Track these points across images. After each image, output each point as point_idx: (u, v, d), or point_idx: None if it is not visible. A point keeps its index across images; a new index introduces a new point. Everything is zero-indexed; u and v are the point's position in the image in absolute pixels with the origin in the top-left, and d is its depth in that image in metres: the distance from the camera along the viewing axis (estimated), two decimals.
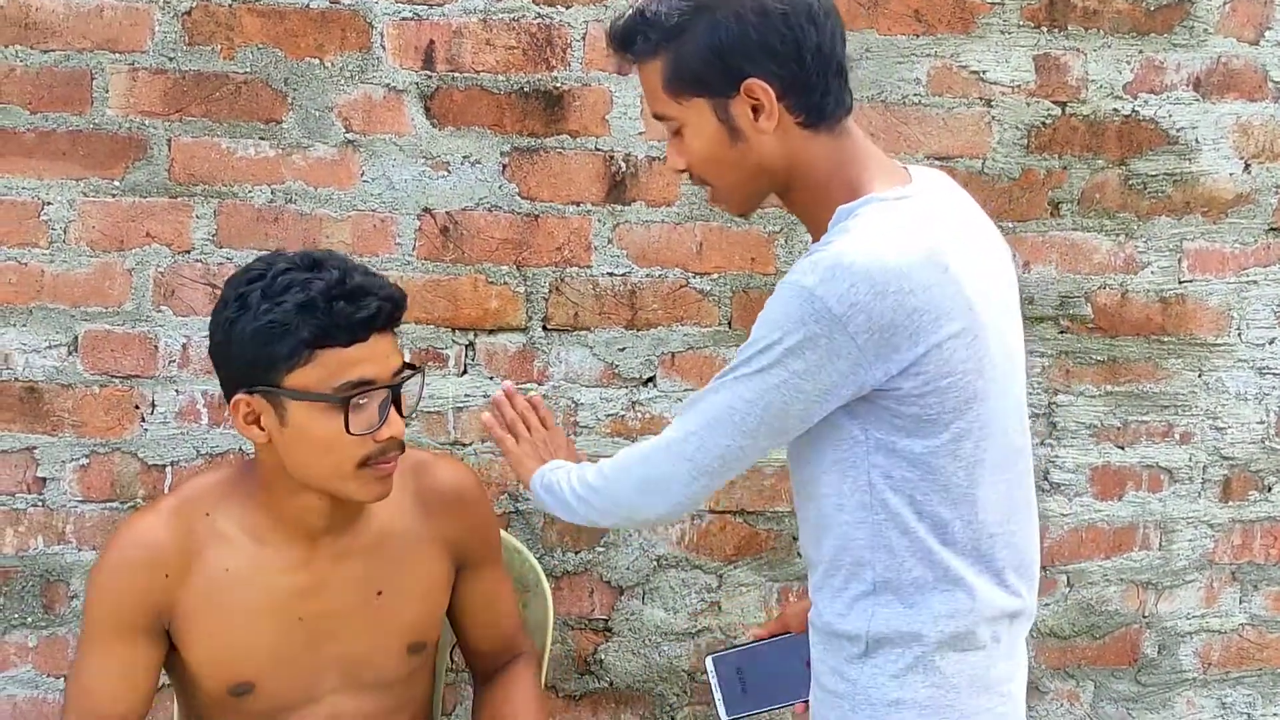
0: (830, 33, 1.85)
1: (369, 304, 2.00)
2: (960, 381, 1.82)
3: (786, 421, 1.85)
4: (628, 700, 2.88)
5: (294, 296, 1.98)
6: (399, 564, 2.22)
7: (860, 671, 1.93)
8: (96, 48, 2.61)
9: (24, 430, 2.67)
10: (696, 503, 1.94)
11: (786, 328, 1.78)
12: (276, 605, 2.15)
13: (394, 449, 2.07)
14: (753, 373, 1.83)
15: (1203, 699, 3.03)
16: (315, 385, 1.99)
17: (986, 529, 1.90)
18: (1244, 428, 2.96)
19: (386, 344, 2.05)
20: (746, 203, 1.98)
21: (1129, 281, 2.89)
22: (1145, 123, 2.85)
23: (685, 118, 1.89)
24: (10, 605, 2.70)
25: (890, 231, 1.81)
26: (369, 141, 2.69)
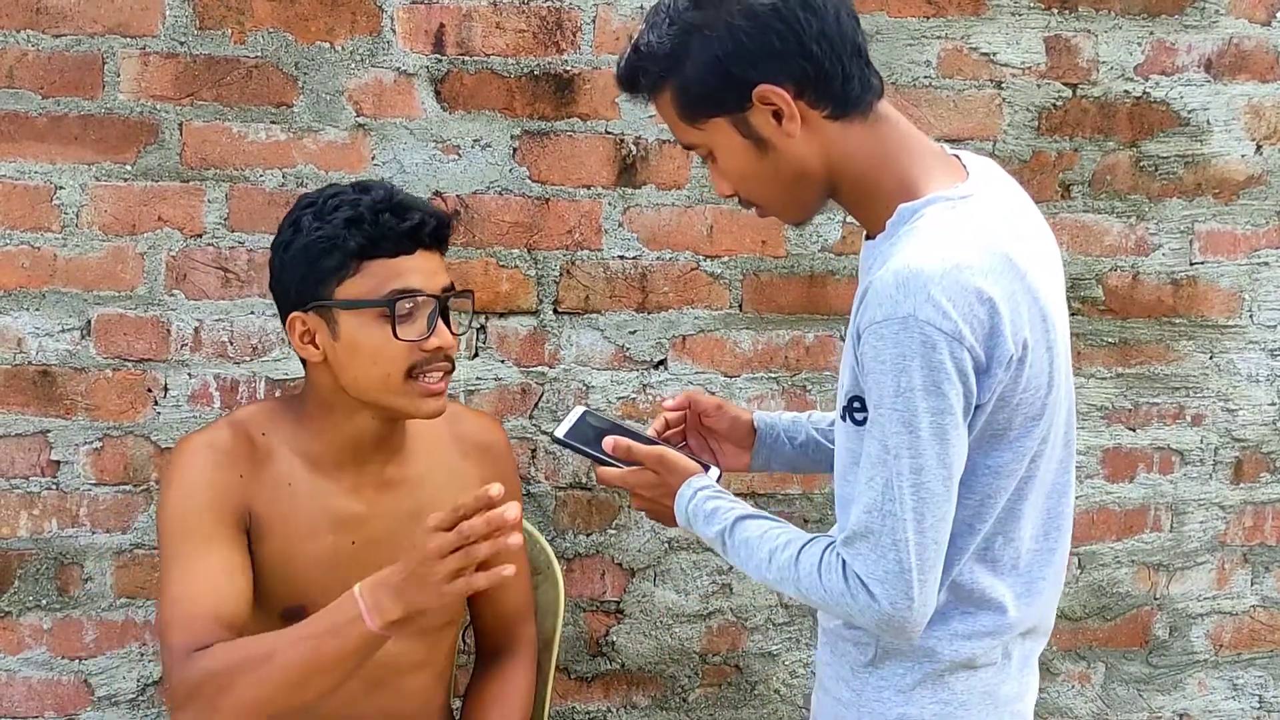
0: (834, 16, 1.76)
1: (413, 216, 2.11)
2: (1033, 397, 1.77)
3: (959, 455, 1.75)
4: (639, 682, 2.89)
5: (343, 213, 2.10)
6: (441, 500, 2.22)
7: (865, 683, 1.89)
8: (108, 32, 2.61)
9: (37, 414, 2.68)
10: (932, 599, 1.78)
11: (904, 366, 1.68)
12: (333, 526, 2.21)
13: (441, 361, 2.14)
14: (903, 432, 1.70)
15: (1214, 680, 3.03)
16: (363, 294, 2.10)
17: (1025, 545, 1.86)
18: (1255, 409, 2.95)
19: (434, 260, 2.15)
20: (799, 212, 1.90)
21: (1140, 263, 2.88)
22: (1156, 104, 2.85)
23: (711, 141, 1.82)
24: (25, 588, 2.71)
25: (964, 237, 1.72)
26: (380, 125, 2.69)
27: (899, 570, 1.71)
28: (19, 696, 2.73)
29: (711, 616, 2.88)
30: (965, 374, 1.69)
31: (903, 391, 1.68)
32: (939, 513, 1.72)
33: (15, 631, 2.72)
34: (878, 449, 1.72)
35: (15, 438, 2.68)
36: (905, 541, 1.71)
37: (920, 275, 1.67)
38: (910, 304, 1.66)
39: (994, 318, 1.69)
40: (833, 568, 1.77)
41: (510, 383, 2.77)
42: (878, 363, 1.70)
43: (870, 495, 1.72)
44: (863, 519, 1.73)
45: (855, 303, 1.79)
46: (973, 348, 1.68)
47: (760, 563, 1.86)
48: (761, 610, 2.89)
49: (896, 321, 1.67)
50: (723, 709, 2.91)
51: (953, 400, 1.69)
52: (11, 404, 2.67)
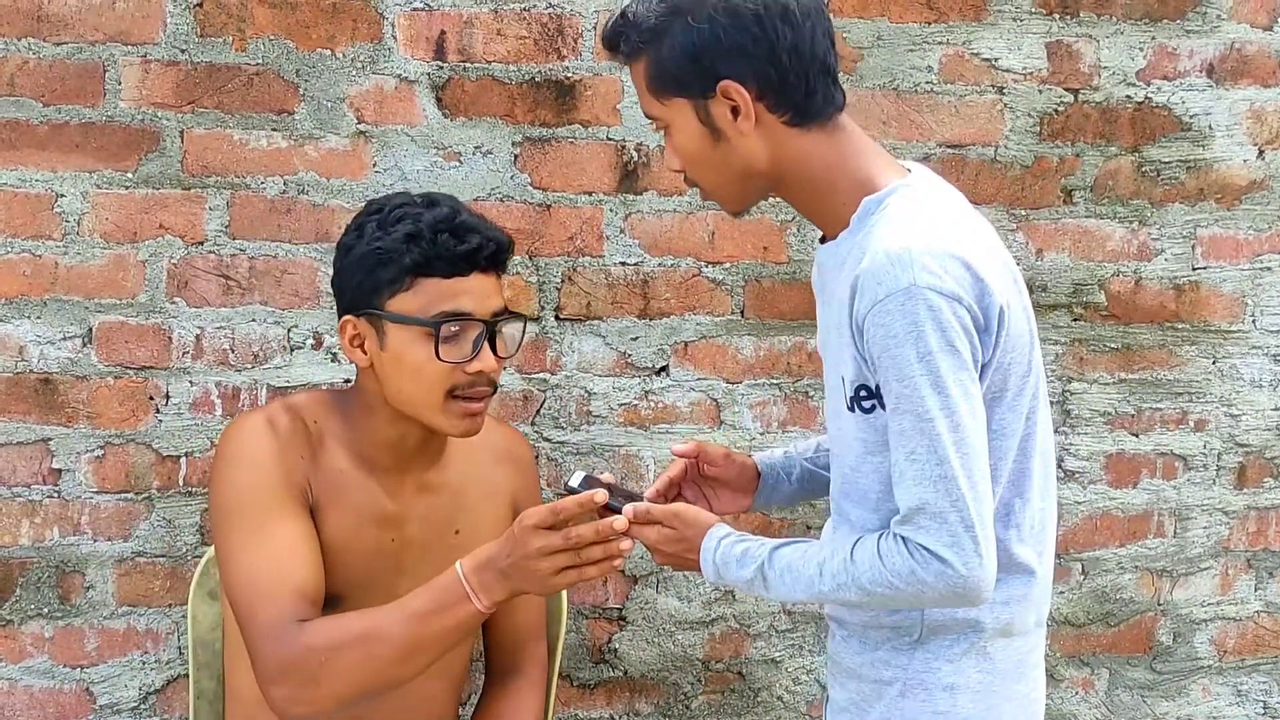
0: (810, 32, 1.86)
1: (472, 240, 2.13)
2: (1022, 355, 1.87)
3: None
4: (642, 689, 2.88)
5: (404, 227, 2.12)
6: (474, 508, 2.33)
7: (912, 658, 1.94)
8: (109, 40, 2.61)
9: (39, 422, 2.68)
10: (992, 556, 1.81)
11: (918, 332, 1.75)
12: (377, 521, 2.24)
13: (483, 384, 2.16)
14: (933, 394, 1.76)
15: (1218, 686, 3.02)
16: (413, 311, 2.12)
17: (1035, 504, 1.93)
18: (1258, 414, 2.95)
19: (488, 284, 2.16)
20: (737, 201, 1.99)
21: (1142, 269, 2.88)
22: (1158, 109, 2.84)
23: (670, 118, 1.92)
24: (26, 596, 2.71)
25: (932, 214, 1.84)
26: (381, 132, 2.69)
27: (965, 529, 1.76)
28: (20, 705, 2.73)
29: (714, 623, 2.88)
30: (970, 331, 1.78)
31: (923, 356, 1.75)
32: (983, 466, 1.78)
33: (17, 640, 2.72)
34: (910, 421, 1.77)
35: (17, 446, 2.68)
36: (962, 500, 1.75)
37: (910, 249, 1.76)
38: (909, 275, 1.75)
39: (978, 281, 1.79)
40: (894, 550, 1.80)
41: (512, 389, 2.77)
42: (890, 338, 1.77)
43: (915, 469, 1.77)
44: (914, 492, 1.77)
45: (848, 297, 1.84)
46: (970, 307, 1.77)
47: (810, 579, 1.88)
48: (764, 617, 2.88)
49: (900, 293, 1.75)
50: (726, 716, 2.91)
51: (965, 357, 1.77)
52: (13, 412, 2.67)
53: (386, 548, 2.26)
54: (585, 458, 2.78)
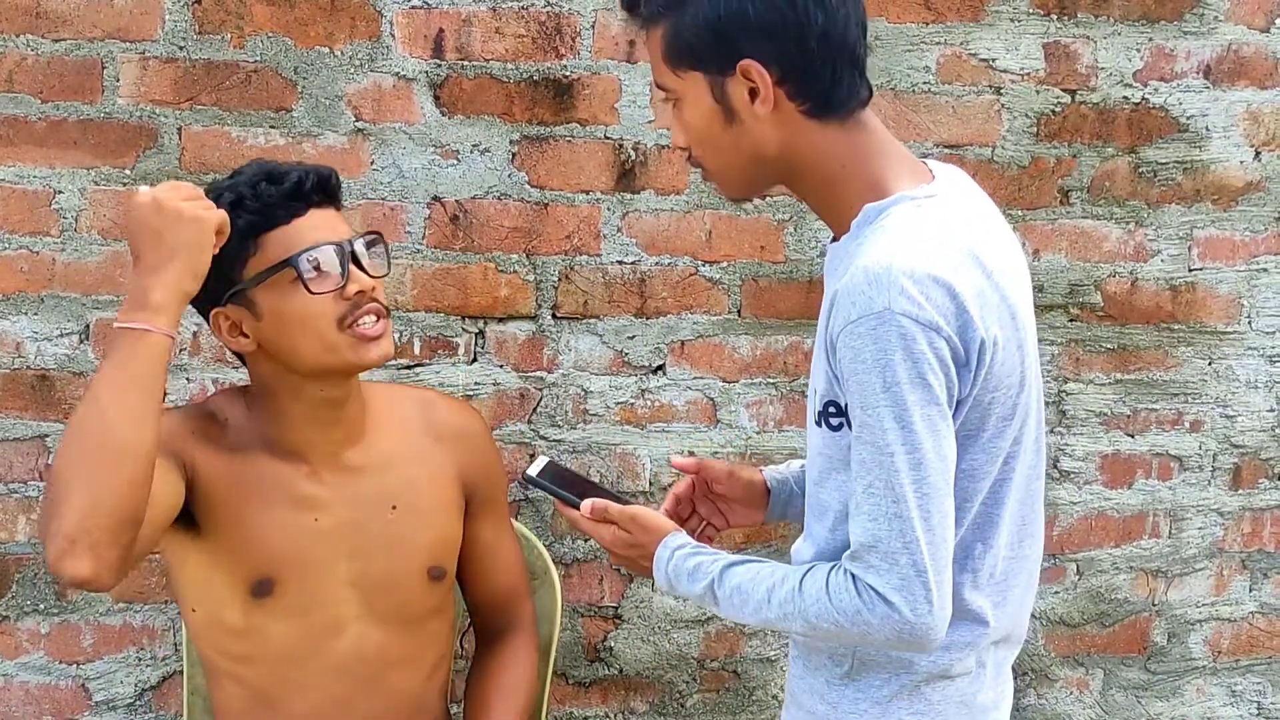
0: (843, 19, 1.74)
1: (291, 176, 2.10)
2: (1004, 396, 1.76)
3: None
4: (637, 688, 2.89)
5: (225, 199, 2.06)
6: (411, 483, 2.28)
7: (842, 695, 1.86)
8: (107, 37, 2.62)
9: (36, 418, 2.68)
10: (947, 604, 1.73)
11: (886, 361, 1.66)
12: (293, 502, 2.19)
13: (368, 304, 2.11)
14: (895, 428, 1.67)
15: (1213, 687, 3.03)
16: (270, 263, 2.08)
17: (1001, 552, 1.83)
18: (1254, 416, 2.95)
19: (330, 215, 2.14)
20: (741, 188, 1.89)
21: (1139, 269, 2.88)
22: (1155, 110, 2.85)
23: (682, 90, 1.80)
24: (23, 593, 2.71)
25: (931, 234, 1.72)
26: (379, 130, 2.69)
27: (915, 573, 1.67)
28: (16, 701, 2.73)
29: (709, 622, 2.88)
30: (946, 364, 1.67)
31: (889, 386, 1.65)
32: (944, 507, 1.69)
33: (13, 636, 2.72)
34: (870, 452, 1.68)
35: (13, 442, 2.68)
36: (915, 542, 1.66)
37: (890, 270, 1.66)
38: (884, 298, 1.65)
39: (962, 312, 1.68)
40: (842, 587, 1.72)
41: (509, 388, 2.77)
42: (858, 363, 1.67)
43: (870, 503, 1.68)
44: (867, 528, 1.68)
45: (824, 309, 1.78)
46: (950, 338, 1.67)
47: (758, 604, 1.80)
48: None
49: (873, 317, 1.65)
50: (721, 714, 2.91)
51: (937, 391, 1.67)
52: (10, 408, 2.67)
53: (311, 528, 2.20)
54: (581, 456, 2.79)
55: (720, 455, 2.82)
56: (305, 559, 2.20)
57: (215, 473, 2.16)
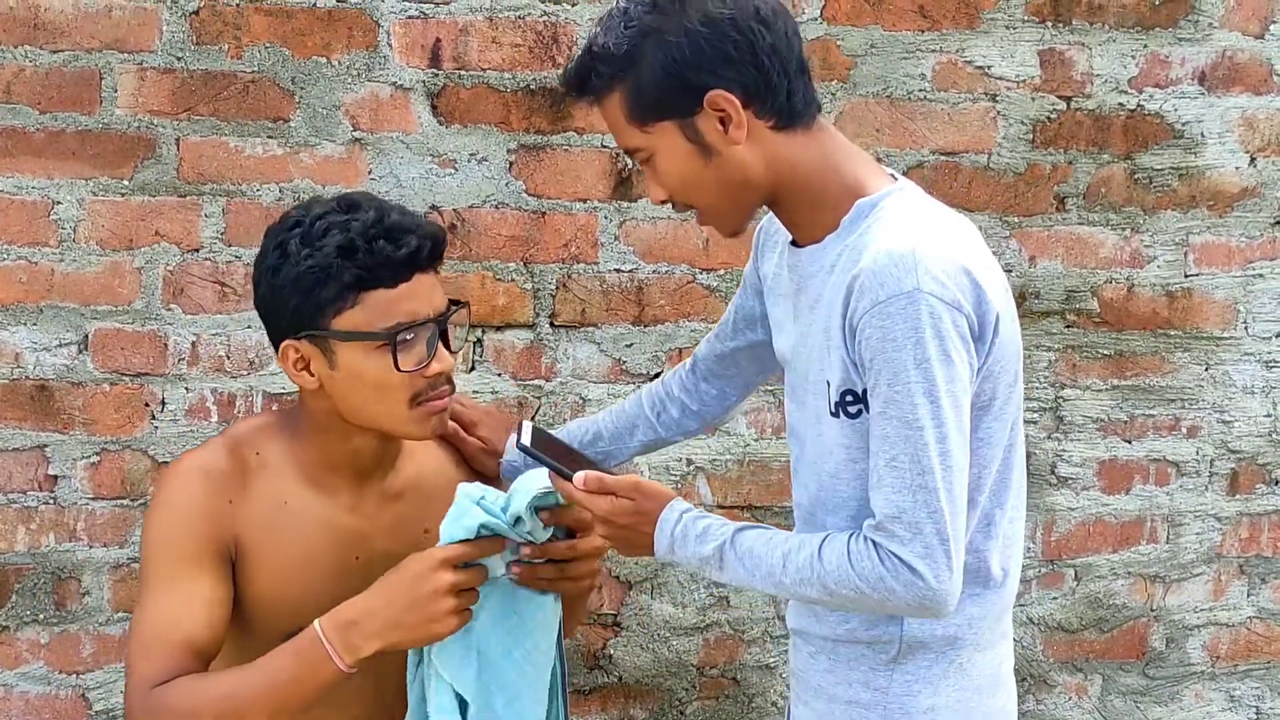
0: (784, 32, 1.82)
1: (409, 241, 2.00)
2: (1010, 364, 1.84)
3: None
4: (637, 695, 2.89)
5: (333, 239, 1.98)
6: (440, 503, 2.17)
7: (890, 679, 1.89)
8: (105, 48, 2.62)
9: (35, 428, 2.68)
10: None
11: (918, 338, 1.73)
12: (334, 544, 2.14)
13: (443, 384, 2.07)
14: (925, 403, 1.74)
15: (1211, 692, 3.03)
16: (363, 326, 2.00)
17: (1009, 516, 1.90)
18: (1251, 421, 2.96)
19: (430, 281, 2.04)
20: (735, 220, 1.92)
21: (1135, 275, 2.89)
22: (1150, 117, 2.86)
23: (654, 145, 1.84)
24: (22, 602, 2.72)
25: (931, 218, 1.83)
26: (376, 139, 2.70)
27: (939, 542, 1.74)
28: (16, 711, 2.73)
29: (709, 629, 2.89)
30: (967, 340, 1.76)
31: (920, 363, 1.73)
32: (963, 480, 1.77)
33: (13, 646, 2.72)
34: (897, 427, 1.74)
35: (13, 452, 2.68)
36: (939, 513, 1.74)
37: (914, 253, 1.74)
38: (912, 279, 1.73)
39: (977, 289, 1.77)
40: (864, 554, 1.77)
41: (507, 396, 2.78)
42: (888, 341, 1.74)
43: (895, 475, 1.75)
44: (892, 499, 1.75)
45: (840, 298, 1.80)
46: (969, 315, 1.75)
47: (772, 568, 1.83)
48: (759, 623, 2.89)
49: (902, 297, 1.73)
50: None
51: (960, 368, 1.75)
52: (9, 418, 2.67)
53: (350, 567, 2.14)
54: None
55: (719, 463, 2.83)
56: (343, 599, 2.10)
57: (254, 530, 2.11)
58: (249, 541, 2.10)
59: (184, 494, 2.09)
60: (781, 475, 2.84)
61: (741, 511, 2.85)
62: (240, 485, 2.10)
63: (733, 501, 2.85)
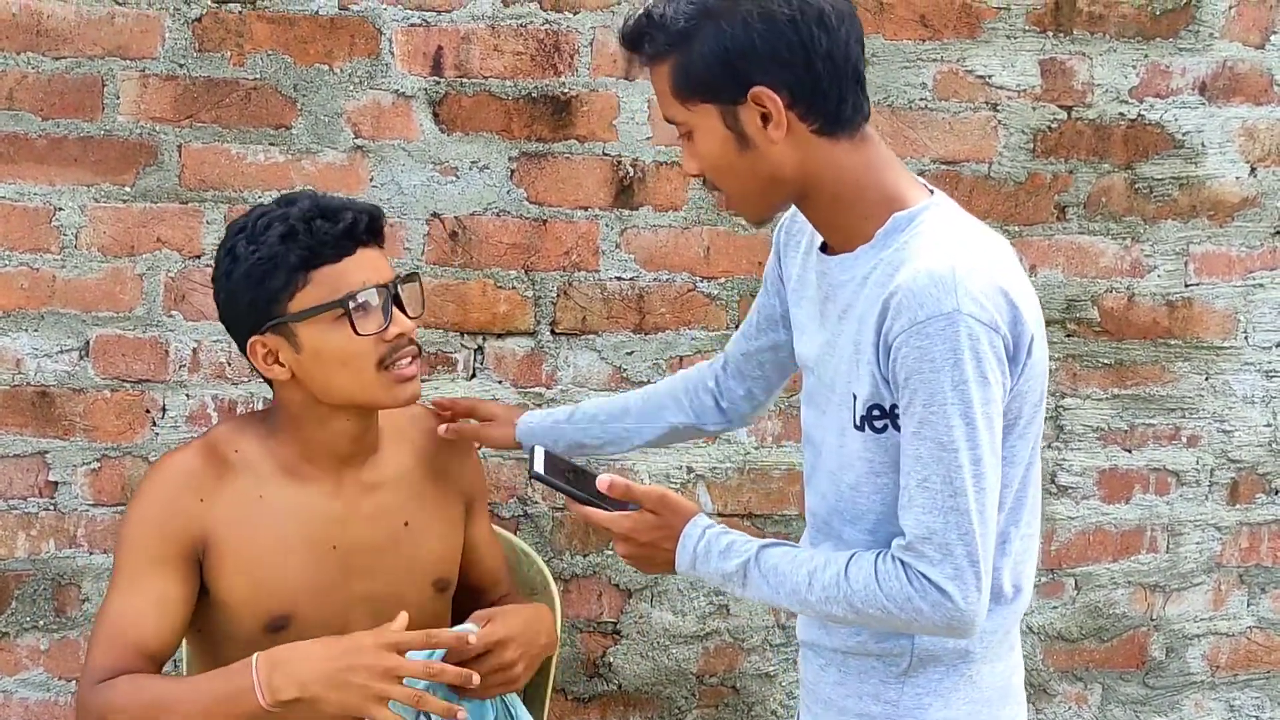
0: (844, 39, 1.79)
1: (346, 216, 2.12)
2: (1037, 384, 1.83)
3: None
4: (636, 703, 2.89)
5: (275, 230, 2.10)
6: (421, 497, 2.31)
7: (901, 692, 1.90)
8: (107, 55, 2.63)
9: (35, 434, 2.68)
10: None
11: (956, 360, 1.72)
12: (311, 533, 2.20)
13: (406, 346, 2.15)
14: (961, 425, 1.73)
15: (1211, 701, 3.03)
16: (317, 301, 2.10)
17: (1024, 532, 1.89)
18: (1251, 431, 2.96)
19: (375, 255, 2.16)
20: (761, 211, 1.91)
21: (1135, 285, 2.89)
22: (1151, 127, 2.86)
23: (694, 123, 1.83)
24: (22, 609, 2.72)
25: (975, 238, 1.81)
26: (378, 147, 2.70)
27: (969, 563, 1.74)
28: (16, 717, 2.73)
29: (708, 637, 2.89)
30: (1003, 362, 1.75)
31: (958, 385, 1.72)
32: (994, 501, 1.76)
33: (12, 652, 2.72)
34: (931, 448, 1.73)
35: (13, 458, 2.69)
36: (971, 534, 1.73)
37: (954, 273, 1.72)
38: (952, 300, 1.71)
39: (1014, 310, 1.76)
40: (892, 574, 1.77)
41: (508, 403, 2.77)
42: (926, 361, 1.73)
43: (927, 496, 1.74)
44: (923, 520, 1.74)
45: (875, 313, 1.79)
46: (1006, 337, 1.74)
47: (797, 586, 1.83)
48: (758, 631, 2.89)
49: (942, 318, 1.71)
50: None
51: (994, 390, 1.74)
52: (10, 425, 2.67)
53: (329, 557, 2.21)
54: None
55: (719, 470, 2.83)
56: (320, 587, 2.21)
57: (228, 523, 2.16)
58: (221, 536, 2.16)
59: (154, 494, 2.18)
60: (782, 483, 2.85)
61: (742, 519, 2.85)
62: (214, 482, 2.18)
63: (733, 509, 2.85)
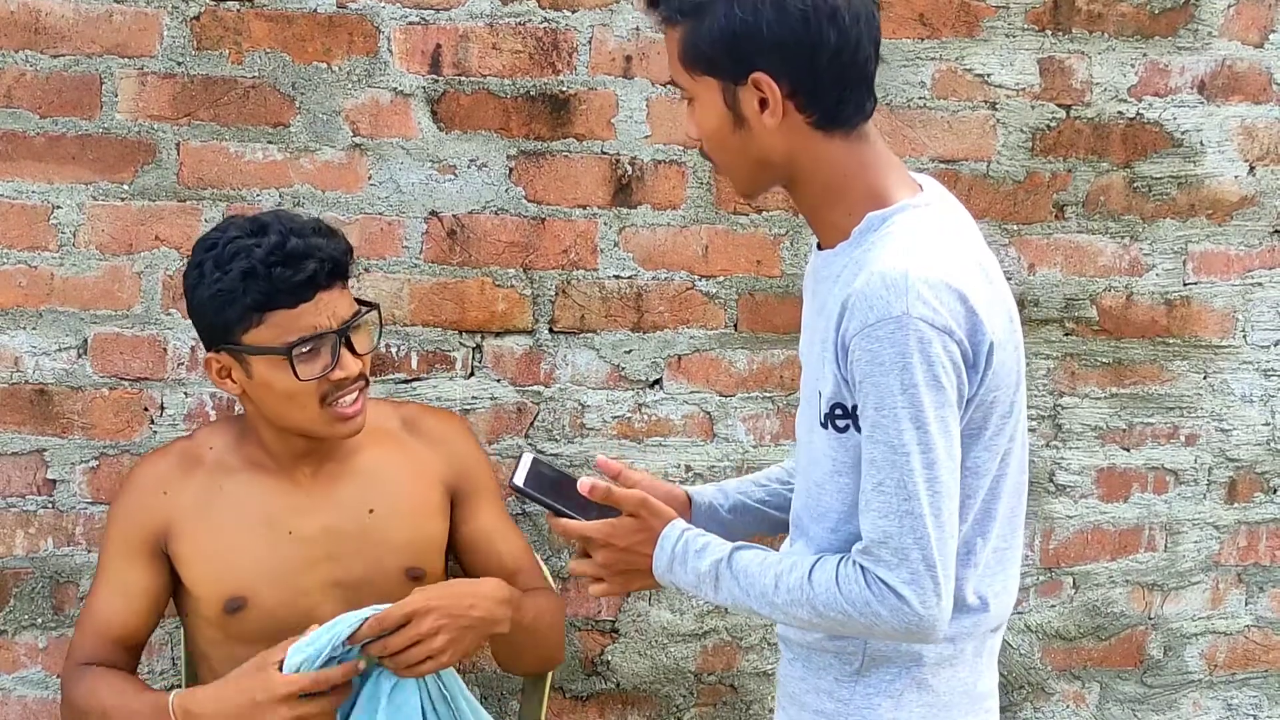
0: (856, 37, 1.79)
1: (307, 266, 2.18)
2: (1004, 395, 1.82)
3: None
4: (634, 702, 2.89)
5: (239, 264, 2.18)
6: (390, 486, 2.38)
7: (853, 691, 1.89)
8: (105, 52, 2.62)
9: (34, 432, 2.68)
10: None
11: (905, 363, 1.71)
12: (267, 519, 2.33)
13: (350, 385, 2.24)
14: (911, 428, 1.72)
15: (1209, 700, 3.03)
16: (267, 342, 2.20)
17: (993, 543, 1.88)
18: (1249, 430, 2.96)
19: (333, 296, 2.22)
20: (748, 186, 1.93)
21: (1134, 284, 2.89)
22: (1150, 125, 2.86)
23: (696, 92, 1.85)
24: (20, 606, 2.72)
25: (934, 239, 1.79)
26: (376, 145, 2.70)
27: (925, 568, 1.73)
28: (14, 716, 2.73)
29: (707, 636, 2.89)
30: (958, 366, 1.74)
31: (907, 388, 1.71)
32: (952, 506, 1.75)
33: (10, 650, 2.72)
34: (883, 451, 1.73)
35: (11, 456, 2.68)
36: (926, 538, 1.72)
37: (907, 276, 1.72)
38: (902, 303, 1.71)
39: (972, 316, 1.74)
40: (852, 579, 1.77)
41: (505, 402, 2.78)
42: (875, 365, 1.72)
43: (882, 500, 1.74)
44: (879, 524, 1.74)
45: (830, 313, 1.80)
46: (961, 341, 1.73)
47: (764, 589, 1.83)
48: (756, 630, 2.89)
49: (891, 321, 1.71)
50: None
51: (950, 393, 1.73)
52: (8, 423, 2.67)
53: (285, 542, 2.32)
54: (578, 470, 2.79)
55: (717, 469, 2.83)
56: (277, 572, 2.31)
57: (189, 512, 2.33)
58: (181, 525, 2.33)
59: (125, 492, 2.39)
60: None
61: None
62: (179, 477, 2.36)
63: None
